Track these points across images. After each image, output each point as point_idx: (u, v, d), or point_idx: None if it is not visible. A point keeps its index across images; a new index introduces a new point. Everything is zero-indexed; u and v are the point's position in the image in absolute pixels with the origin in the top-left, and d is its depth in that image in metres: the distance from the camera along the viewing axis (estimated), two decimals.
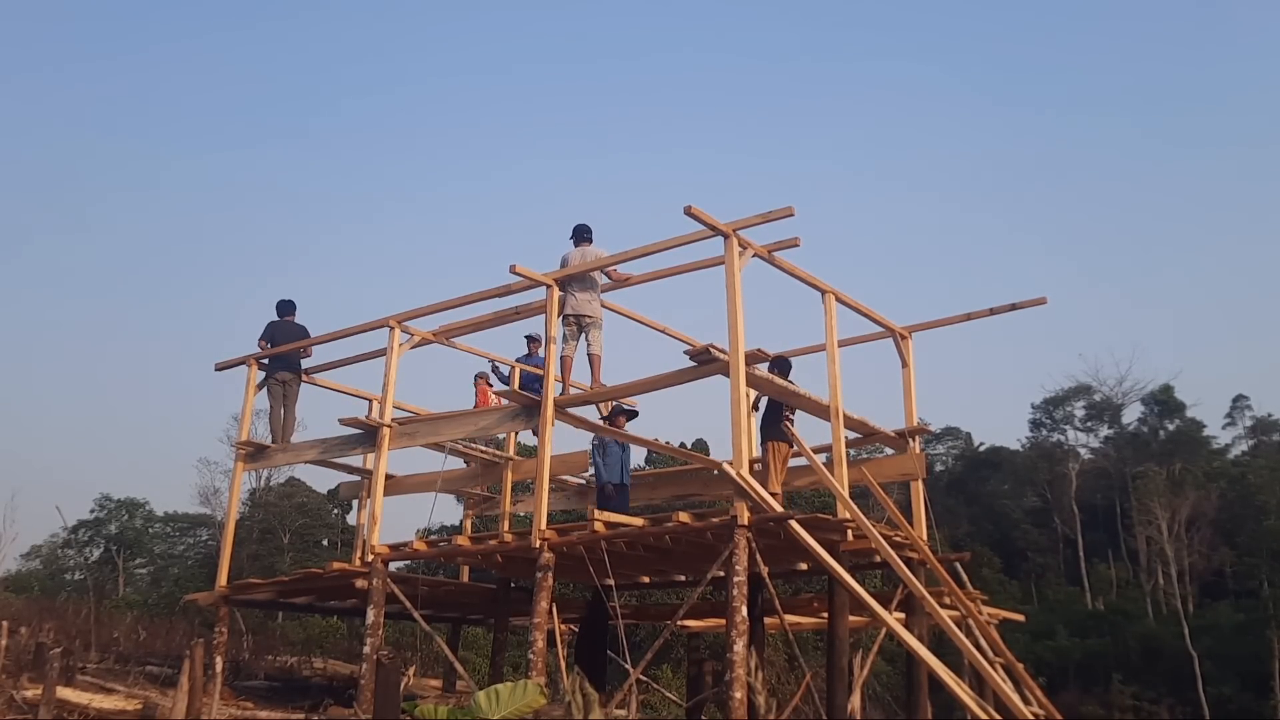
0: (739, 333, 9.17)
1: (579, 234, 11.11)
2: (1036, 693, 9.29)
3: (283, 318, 13.25)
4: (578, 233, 11.12)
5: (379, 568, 10.91)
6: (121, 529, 51.47)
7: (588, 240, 11.06)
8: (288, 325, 13.19)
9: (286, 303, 13.37)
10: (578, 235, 11.11)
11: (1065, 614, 42.33)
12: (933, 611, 8.88)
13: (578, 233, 11.12)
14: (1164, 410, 55.23)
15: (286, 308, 13.33)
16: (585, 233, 11.08)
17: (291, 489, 43.23)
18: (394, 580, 11.14)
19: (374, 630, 10.63)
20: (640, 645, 12.19)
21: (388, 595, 10.90)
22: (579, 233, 11.11)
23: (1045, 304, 11.70)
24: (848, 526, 9.59)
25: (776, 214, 9.21)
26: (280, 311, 13.31)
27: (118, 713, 9.56)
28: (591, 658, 11.17)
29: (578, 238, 11.11)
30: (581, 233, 11.09)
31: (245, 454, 13.40)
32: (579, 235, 11.10)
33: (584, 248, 11.00)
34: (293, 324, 13.23)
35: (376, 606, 10.74)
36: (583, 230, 11.11)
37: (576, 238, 11.12)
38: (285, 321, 13.23)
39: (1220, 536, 45.01)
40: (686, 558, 10.63)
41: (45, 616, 16.80)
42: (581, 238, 11.08)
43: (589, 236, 11.08)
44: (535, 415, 10.30)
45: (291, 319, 13.26)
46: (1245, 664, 36.07)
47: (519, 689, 4.82)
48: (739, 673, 8.07)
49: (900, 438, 11.57)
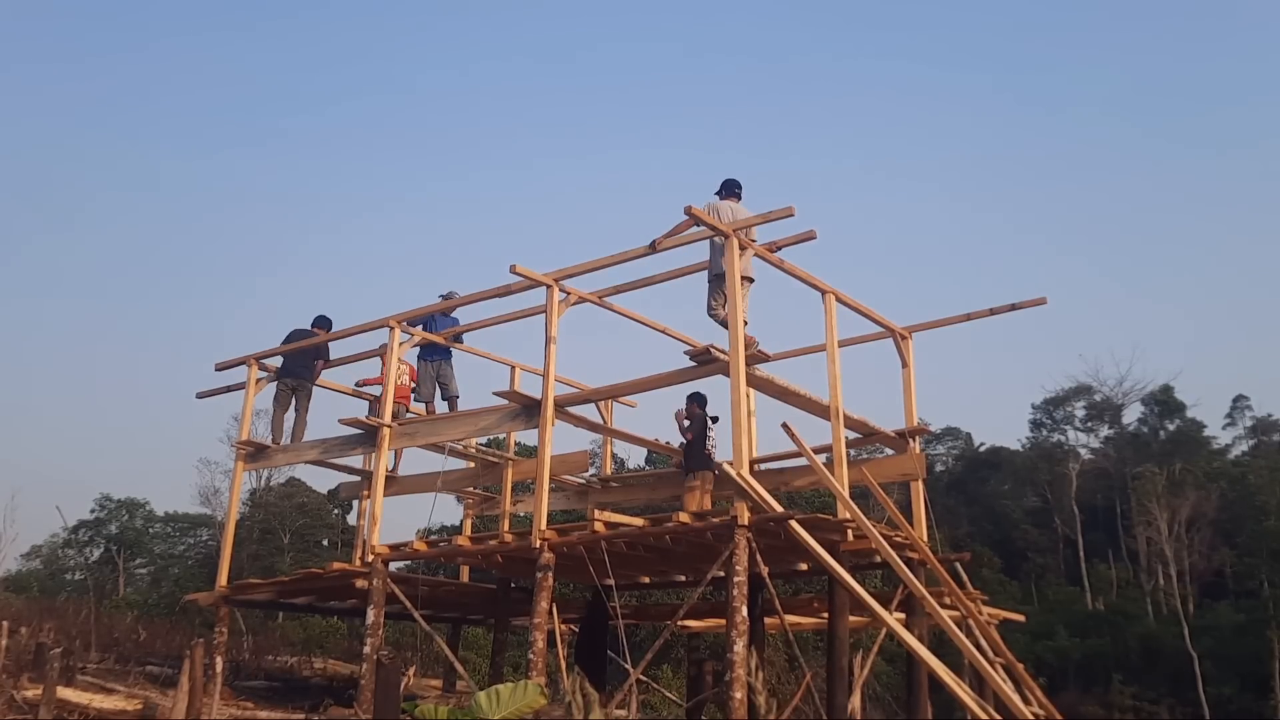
0: (739, 333, 9.18)
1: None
2: (1036, 693, 9.28)
3: (313, 328, 13.33)
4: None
5: (379, 568, 10.91)
6: (121, 529, 51.43)
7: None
8: (305, 333, 13.22)
9: (320, 317, 13.45)
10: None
11: (1065, 614, 42.30)
12: (933, 611, 8.87)
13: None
14: (1164, 410, 55.21)
15: (318, 321, 13.41)
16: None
17: (291, 489, 43.23)
18: (394, 580, 11.14)
19: (374, 630, 10.64)
20: (640, 645, 12.18)
21: (388, 595, 10.91)
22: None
23: (1045, 304, 11.70)
24: (848, 526, 9.59)
25: (776, 214, 9.22)
26: (313, 323, 13.39)
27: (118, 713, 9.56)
28: (591, 658, 11.17)
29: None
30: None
31: (245, 454, 13.41)
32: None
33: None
34: (310, 333, 13.29)
35: (376, 606, 10.75)
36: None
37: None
38: (304, 330, 13.28)
39: (1220, 537, 44.98)
40: (686, 558, 10.63)
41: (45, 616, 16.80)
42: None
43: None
44: (535, 415, 10.30)
45: (318, 330, 13.32)
46: (1245, 664, 36.07)
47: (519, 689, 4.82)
48: (739, 673, 8.07)
49: (900, 438, 11.56)
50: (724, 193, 10.28)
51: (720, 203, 10.08)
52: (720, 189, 10.34)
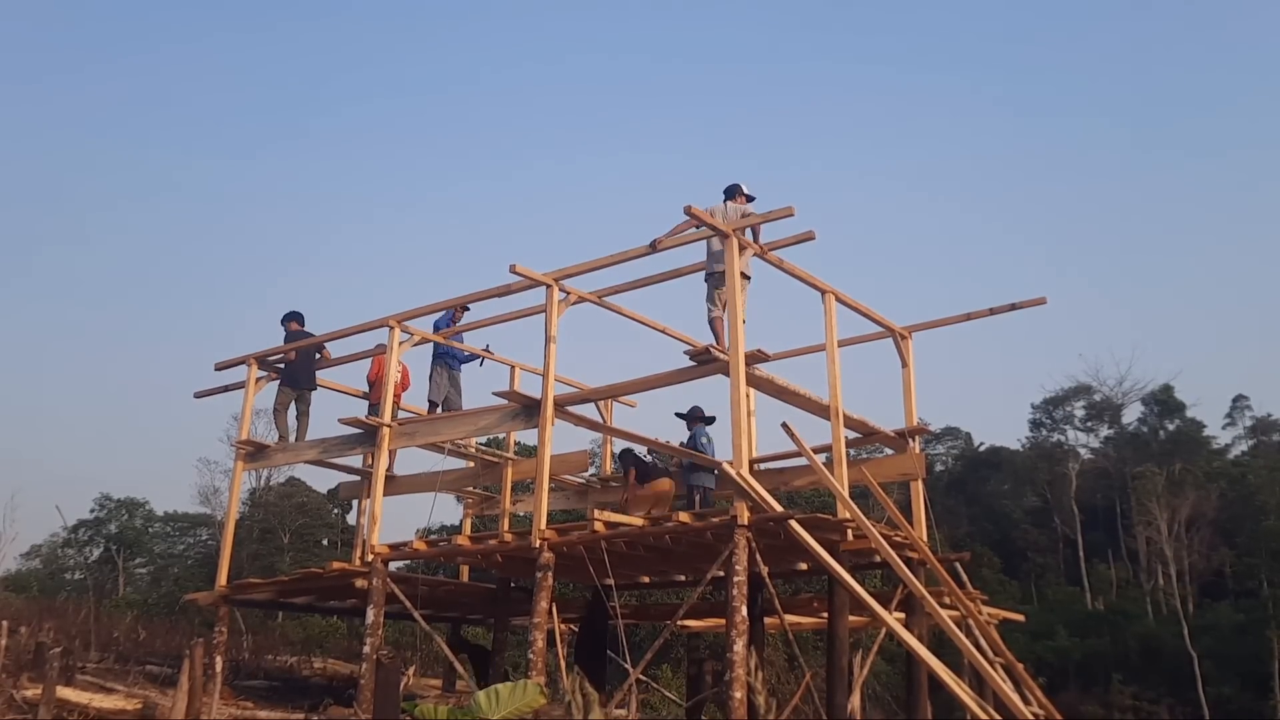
0: (739, 332, 9.18)
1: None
2: (1036, 693, 9.29)
3: (295, 325, 13.40)
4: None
5: (379, 568, 10.91)
6: (121, 529, 51.43)
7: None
8: (300, 334, 13.29)
9: (293, 312, 13.49)
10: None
11: (1065, 614, 42.30)
12: (933, 611, 8.88)
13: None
14: (1164, 410, 55.19)
15: (294, 316, 13.44)
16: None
17: (291, 489, 43.21)
18: (394, 580, 11.14)
19: (374, 630, 10.64)
20: (640, 645, 12.18)
21: (388, 595, 10.91)
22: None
23: (1045, 304, 11.70)
24: (848, 526, 9.59)
25: (776, 214, 9.23)
26: (290, 318, 13.45)
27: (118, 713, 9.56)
28: (591, 658, 11.16)
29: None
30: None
31: (245, 454, 13.41)
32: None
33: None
34: (306, 333, 13.34)
35: (376, 606, 10.75)
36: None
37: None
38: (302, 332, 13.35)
39: (1220, 536, 44.99)
40: (686, 558, 10.63)
41: (45, 616, 16.79)
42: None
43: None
44: (535, 415, 10.30)
45: (309, 332, 13.39)
46: (1245, 664, 36.07)
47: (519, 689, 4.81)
48: (739, 673, 8.07)
49: (900, 438, 11.56)
50: (727, 195, 10.30)
51: (722, 205, 10.10)
52: (725, 193, 10.36)
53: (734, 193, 10.29)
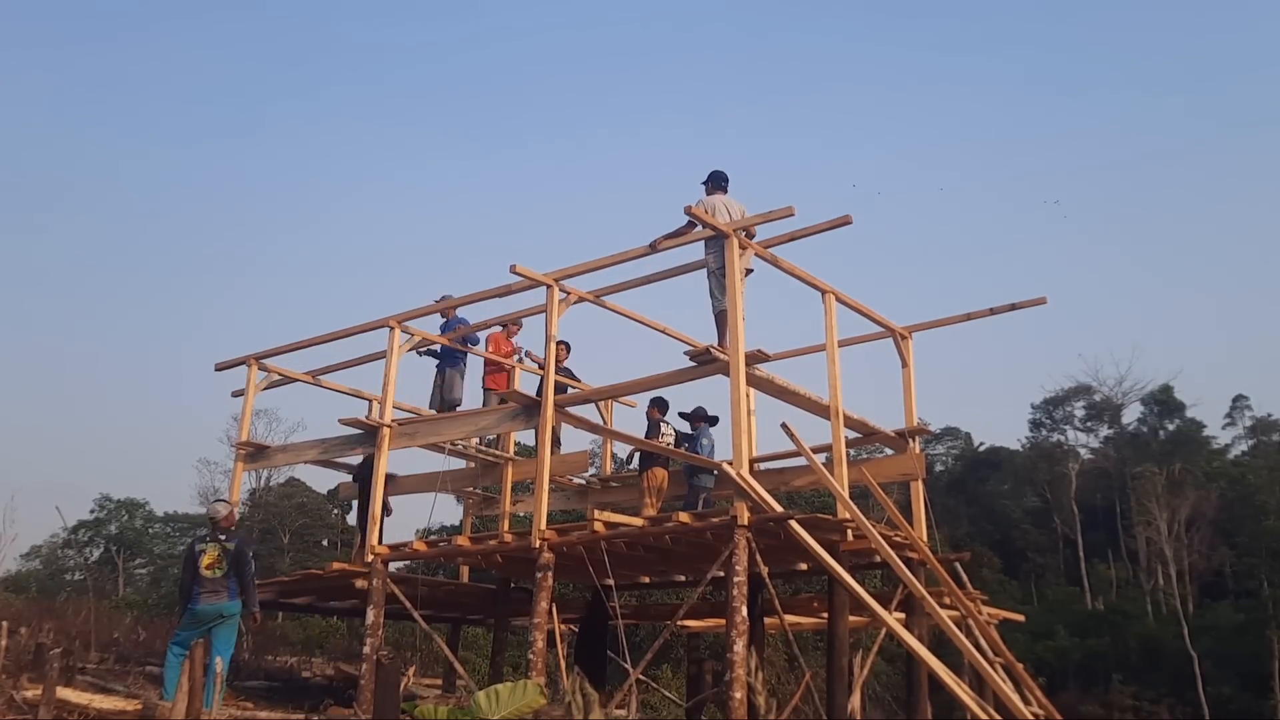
0: (739, 332, 9.17)
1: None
2: (1036, 693, 9.28)
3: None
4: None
5: (379, 568, 10.91)
6: (121, 529, 51.50)
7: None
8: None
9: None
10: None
11: (1065, 614, 42.33)
12: (933, 611, 8.88)
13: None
14: (1164, 410, 55.18)
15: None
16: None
17: (291, 489, 43.25)
18: (394, 580, 11.15)
19: (374, 630, 10.64)
20: (640, 645, 12.18)
21: (388, 595, 10.91)
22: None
23: (1045, 304, 11.71)
24: (848, 526, 9.59)
25: (777, 214, 9.22)
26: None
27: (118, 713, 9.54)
28: (591, 658, 11.17)
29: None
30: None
31: (245, 454, 13.41)
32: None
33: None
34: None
35: (376, 606, 10.75)
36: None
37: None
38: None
39: (1220, 536, 45.02)
40: (686, 558, 10.63)
41: (45, 616, 16.76)
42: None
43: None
44: (535, 415, 10.30)
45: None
46: (1245, 664, 36.09)
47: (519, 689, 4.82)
48: (739, 673, 8.07)
49: (900, 438, 11.56)
50: (711, 184, 10.30)
51: (715, 199, 10.10)
52: (707, 180, 10.34)
53: (719, 181, 10.28)
